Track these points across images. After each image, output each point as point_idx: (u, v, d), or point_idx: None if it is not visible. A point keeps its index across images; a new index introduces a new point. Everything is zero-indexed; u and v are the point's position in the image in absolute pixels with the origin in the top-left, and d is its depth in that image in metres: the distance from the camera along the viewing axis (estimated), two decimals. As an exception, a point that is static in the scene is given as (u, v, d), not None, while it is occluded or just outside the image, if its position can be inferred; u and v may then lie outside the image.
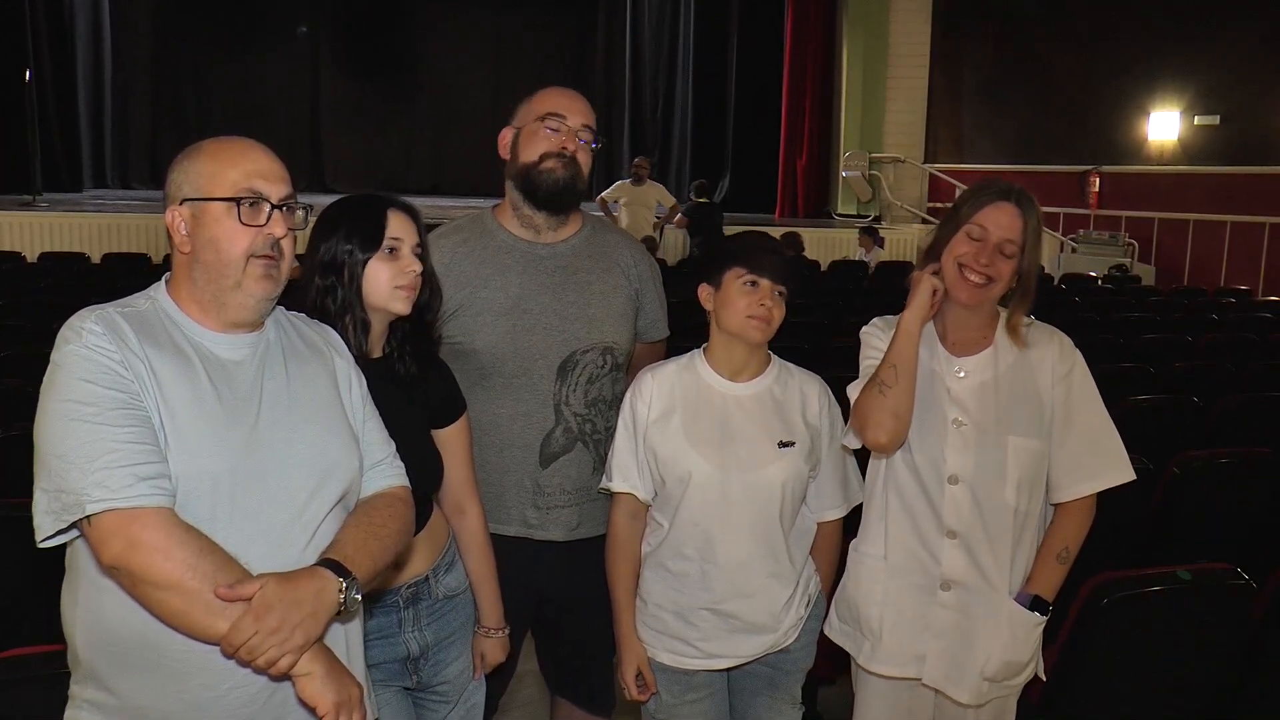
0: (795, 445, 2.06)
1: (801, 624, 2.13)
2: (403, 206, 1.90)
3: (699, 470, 2.03)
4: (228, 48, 15.06)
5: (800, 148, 14.64)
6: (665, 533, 2.10)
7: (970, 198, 2.02)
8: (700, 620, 2.08)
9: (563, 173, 2.22)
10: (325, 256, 1.83)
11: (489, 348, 2.22)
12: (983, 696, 2.03)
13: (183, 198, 1.51)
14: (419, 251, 1.89)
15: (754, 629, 2.08)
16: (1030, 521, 2.02)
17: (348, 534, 1.53)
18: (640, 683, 2.15)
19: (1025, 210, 1.97)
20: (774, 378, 2.12)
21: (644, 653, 2.14)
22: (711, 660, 2.11)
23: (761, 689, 2.17)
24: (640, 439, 2.10)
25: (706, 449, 2.04)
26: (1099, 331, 6.12)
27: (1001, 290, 1.99)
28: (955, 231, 2.00)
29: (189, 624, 1.37)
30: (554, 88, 2.32)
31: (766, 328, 2.03)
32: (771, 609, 2.08)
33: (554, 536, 2.27)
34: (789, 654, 2.14)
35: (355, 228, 1.84)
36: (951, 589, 2.02)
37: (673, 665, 2.12)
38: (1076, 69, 12.13)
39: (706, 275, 2.10)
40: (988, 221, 1.97)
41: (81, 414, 1.37)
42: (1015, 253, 1.96)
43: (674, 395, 2.09)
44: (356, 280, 1.83)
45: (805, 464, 2.08)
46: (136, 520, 1.34)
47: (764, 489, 2.04)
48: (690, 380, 2.10)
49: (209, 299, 1.51)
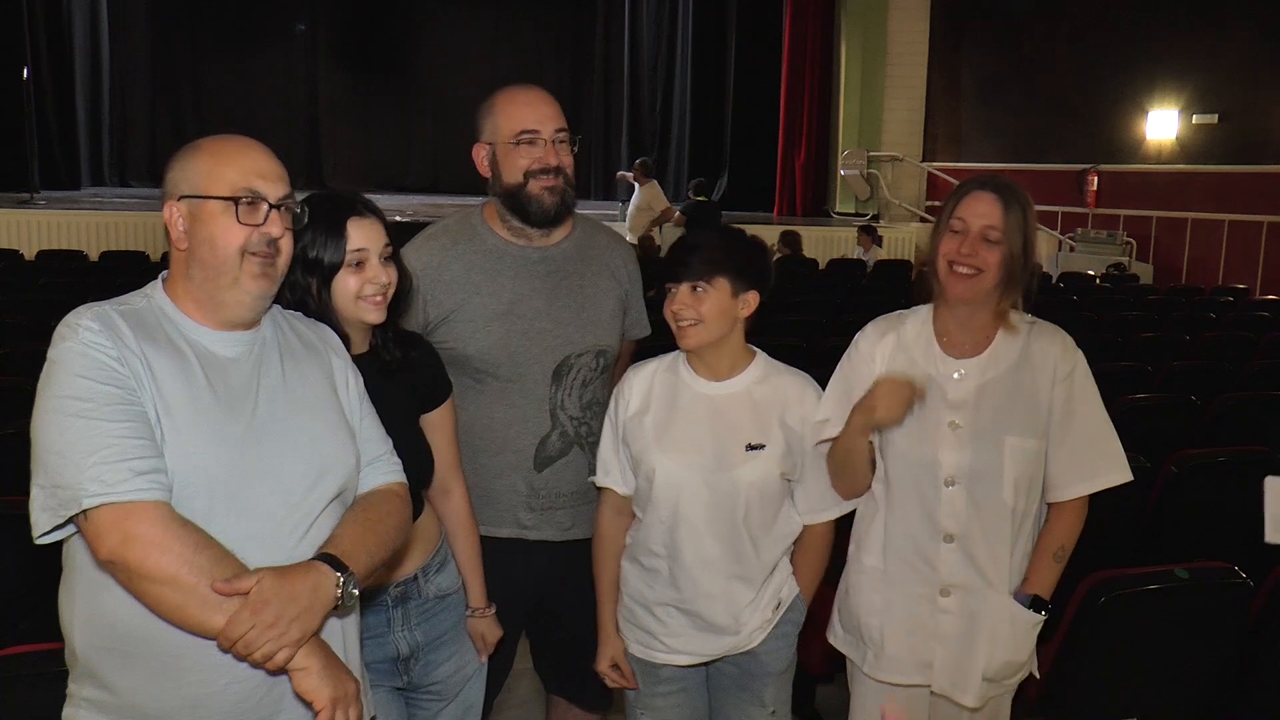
0: (765, 448, 2.04)
1: (769, 627, 2.11)
2: (363, 210, 1.84)
3: (663, 468, 2.03)
4: (226, 45, 15.06)
5: (798, 146, 14.65)
6: (639, 528, 2.12)
7: (951, 196, 2.03)
8: (666, 616, 2.09)
9: (551, 200, 2.18)
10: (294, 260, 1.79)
11: (483, 353, 2.20)
12: (985, 697, 2.03)
13: (180, 194, 1.51)
14: (388, 253, 1.85)
15: (716, 629, 2.08)
16: (1027, 521, 2.02)
17: (345, 529, 1.53)
18: (617, 673, 2.17)
19: (1004, 197, 1.96)
20: (755, 377, 2.09)
21: (621, 645, 2.16)
22: (676, 655, 2.11)
23: (730, 688, 2.16)
24: (620, 435, 2.12)
25: (672, 448, 2.04)
26: (1097, 330, 6.13)
27: (993, 280, 1.97)
28: (943, 233, 2.00)
29: (186, 618, 1.37)
30: (514, 95, 2.22)
31: (693, 331, 2.01)
32: (733, 610, 2.06)
33: (548, 536, 2.27)
34: (756, 657, 2.12)
35: (316, 238, 1.78)
36: (951, 594, 2.01)
37: (642, 657, 2.15)
38: (1075, 67, 12.14)
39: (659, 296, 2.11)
40: (966, 213, 1.97)
41: (78, 410, 1.37)
42: (999, 239, 1.95)
43: (650, 393, 2.10)
44: (325, 294, 1.80)
45: (777, 467, 2.05)
46: (133, 515, 1.35)
47: (727, 491, 2.02)
48: (668, 379, 2.11)
49: (205, 296, 1.51)
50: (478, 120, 2.26)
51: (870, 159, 14.01)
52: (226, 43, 15.05)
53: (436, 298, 2.20)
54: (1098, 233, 11.79)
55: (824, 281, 8.83)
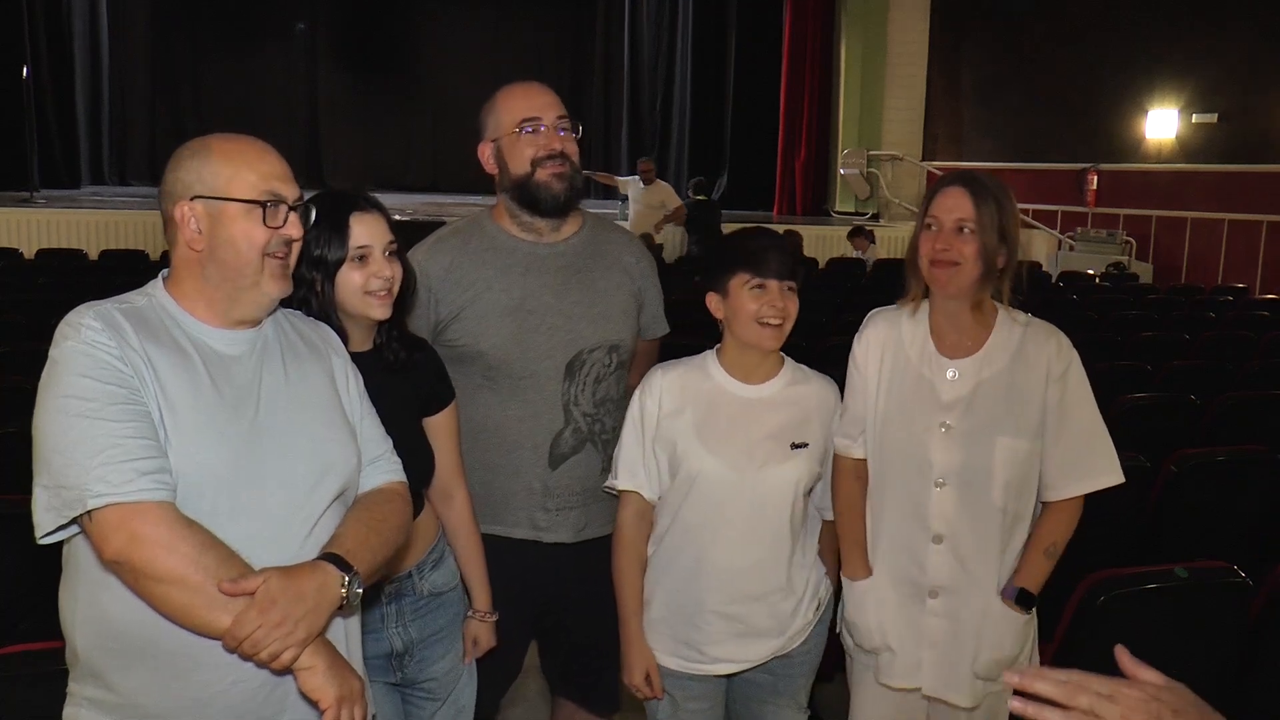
0: (809, 446, 2.04)
1: (810, 628, 2.10)
2: (366, 206, 1.85)
3: (711, 468, 2.00)
4: (226, 44, 15.04)
5: (798, 145, 14.64)
6: (670, 533, 2.07)
7: (925, 197, 2.06)
8: (705, 623, 2.05)
9: (560, 186, 2.19)
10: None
11: (494, 349, 2.19)
12: (979, 696, 2.03)
13: (194, 194, 1.50)
14: (393, 249, 1.85)
15: (760, 633, 2.05)
16: (1019, 524, 2.02)
17: (348, 528, 1.54)
18: (649, 685, 2.10)
19: (974, 190, 1.97)
20: (788, 380, 2.09)
21: (651, 655, 2.10)
22: (716, 665, 2.07)
23: (765, 697, 2.14)
24: (649, 437, 2.06)
25: (720, 448, 2.01)
26: (1096, 330, 6.13)
27: (973, 272, 1.97)
28: (919, 234, 2.02)
29: (192, 618, 1.37)
30: (513, 89, 2.25)
31: (779, 332, 2.00)
32: (779, 614, 2.05)
33: (562, 539, 2.25)
34: (792, 659, 2.11)
35: (321, 235, 1.79)
36: (939, 595, 2.02)
37: (677, 670, 2.09)
38: (1074, 66, 12.13)
39: (711, 283, 2.06)
40: (938, 210, 1.99)
41: (81, 409, 1.37)
42: (974, 230, 1.95)
43: (685, 394, 2.06)
44: (329, 290, 1.81)
45: (819, 465, 2.07)
46: (138, 515, 1.35)
47: (778, 490, 2.01)
48: (702, 381, 2.07)
49: (221, 296, 1.52)
50: (480, 120, 2.27)
51: (870, 158, 14.00)
52: (226, 42, 15.03)
53: (448, 296, 2.20)
54: (1097, 232, 11.79)
55: (824, 281, 8.82)
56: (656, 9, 16.24)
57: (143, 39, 15.00)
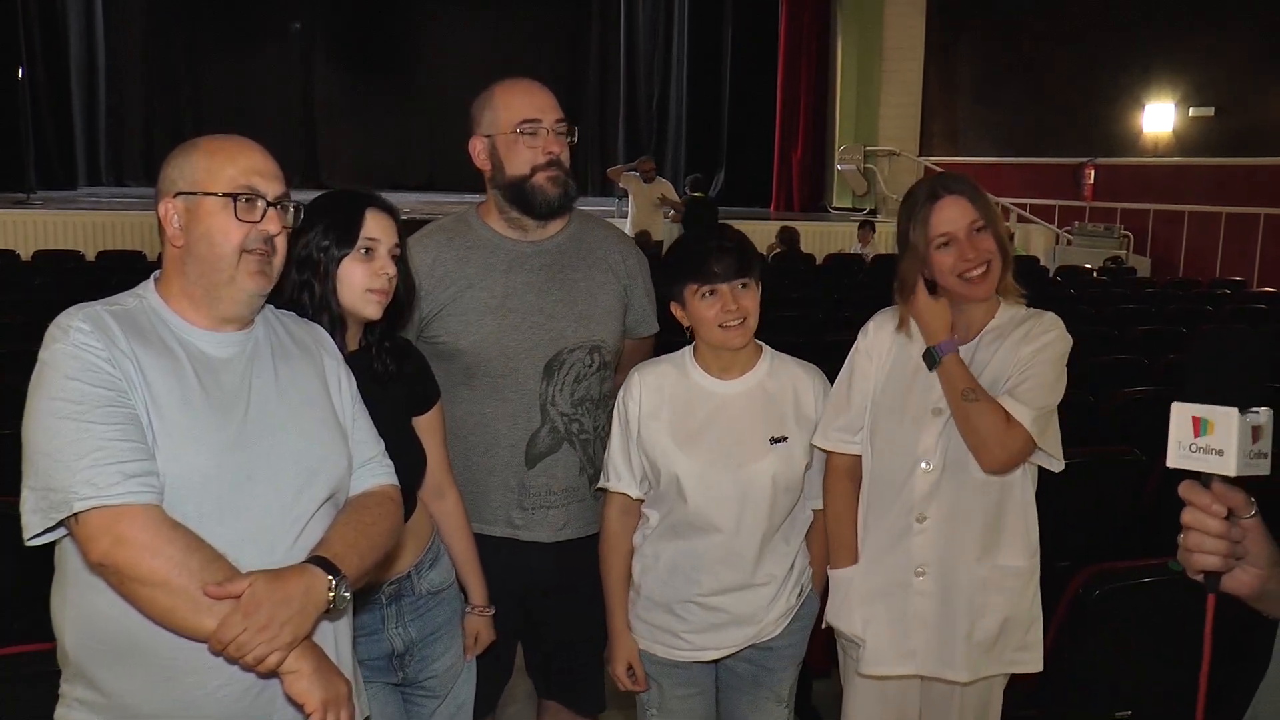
0: (788, 440, 2.06)
1: (791, 614, 2.12)
2: (382, 206, 1.87)
3: (685, 469, 2.03)
4: (221, 44, 15.04)
5: (795, 142, 14.65)
6: (654, 528, 2.11)
7: (910, 224, 2.01)
8: (687, 613, 2.08)
9: (555, 191, 2.18)
10: (302, 252, 1.80)
11: (474, 347, 2.18)
12: (976, 671, 2.03)
13: (176, 191, 1.51)
14: (396, 253, 1.86)
15: (740, 620, 2.08)
16: (1009, 491, 2.01)
17: (337, 532, 1.53)
18: (631, 676, 2.15)
19: (960, 190, 1.99)
20: (766, 372, 2.10)
21: (634, 647, 2.14)
22: (700, 652, 2.11)
23: (745, 687, 2.16)
24: (633, 438, 2.09)
25: (693, 447, 2.04)
26: (1094, 324, 6.13)
27: (1000, 264, 1.99)
28: (923, 259, 2.00)
29: (177, 621, 1.37)
30: (512, 86, 2.22)
31: (743, 329, 2.01)
32: (758, 602, 2.08)
33: (540, 538, 2.25)
34: (773, 650, 2.13)
35: (332, 224, 1.81)
36: (926, 574, 2.02)
37: (663, 657, 2.13)
38: (1071, 61, 12.13)
39: (669, 293, 2.08)
40: (944, 225, 1.97)
41: (69, 412, 1.37)
42: (984, 224, 1.97)
43: (663, 393, 2.08)
44: (331, 279, 1.81)
45: (802, 457, 2.08)
46: (123, 517, 1.35)
47: (754, 485, 2.03)
48: (680, 379, 2.09)
49: (201, 293, 1.51)
50: (474, 113, 2.25)
51: (867, 154, 14.01)
52: (223, 42, 15.03)
53: (431, 293, 2.19)
54: (1095, 226, 11.79)
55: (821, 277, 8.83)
56: (652, 6, 16.25)
57: (139, 39, 15.00)
